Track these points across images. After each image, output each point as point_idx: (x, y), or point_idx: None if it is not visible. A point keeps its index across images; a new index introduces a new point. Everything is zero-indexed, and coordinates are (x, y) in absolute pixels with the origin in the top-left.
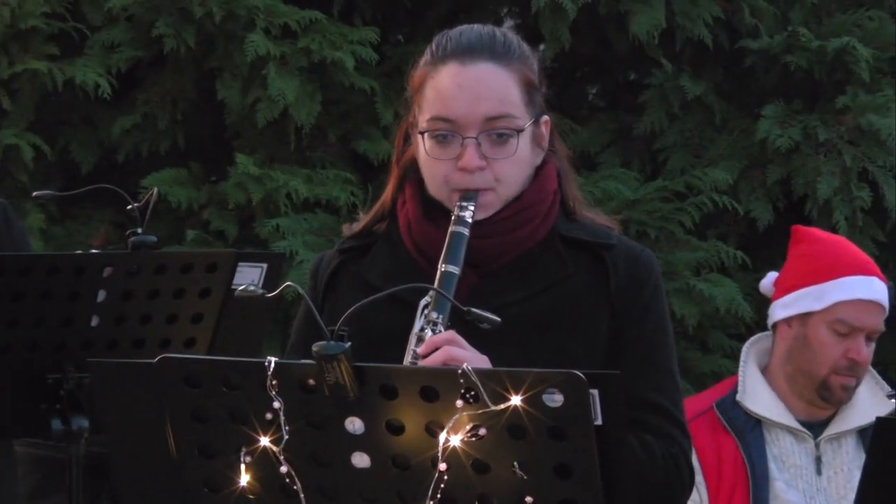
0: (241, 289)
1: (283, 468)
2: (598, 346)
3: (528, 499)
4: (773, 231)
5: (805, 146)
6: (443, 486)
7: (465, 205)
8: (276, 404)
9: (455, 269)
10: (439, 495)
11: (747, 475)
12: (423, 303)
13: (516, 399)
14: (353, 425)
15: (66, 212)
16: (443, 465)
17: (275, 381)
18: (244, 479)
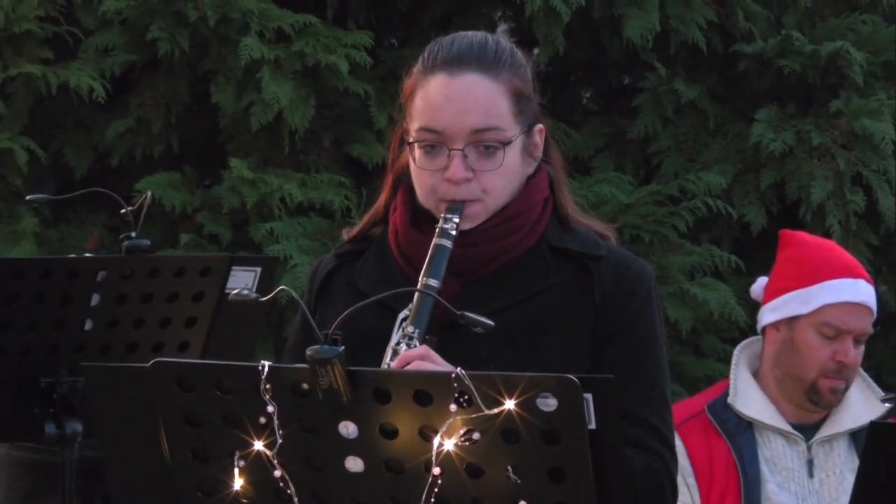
0: (234, 293)
1: (277, 472)
2: (579, 357)
3: (522, 502)
4: (767, 235)
5: (799, 150)
6: (436, 490)
7: (449, 217)
8: (269, 408)
9: (435, 282)
10: (433, 499)
11: (739, 477)
12: (402, 316)
13: (510, 403)
14: (347, 429)
15: (60, 215)
16: (436, 469)
17: (268, 385)
18: (237, 483)
